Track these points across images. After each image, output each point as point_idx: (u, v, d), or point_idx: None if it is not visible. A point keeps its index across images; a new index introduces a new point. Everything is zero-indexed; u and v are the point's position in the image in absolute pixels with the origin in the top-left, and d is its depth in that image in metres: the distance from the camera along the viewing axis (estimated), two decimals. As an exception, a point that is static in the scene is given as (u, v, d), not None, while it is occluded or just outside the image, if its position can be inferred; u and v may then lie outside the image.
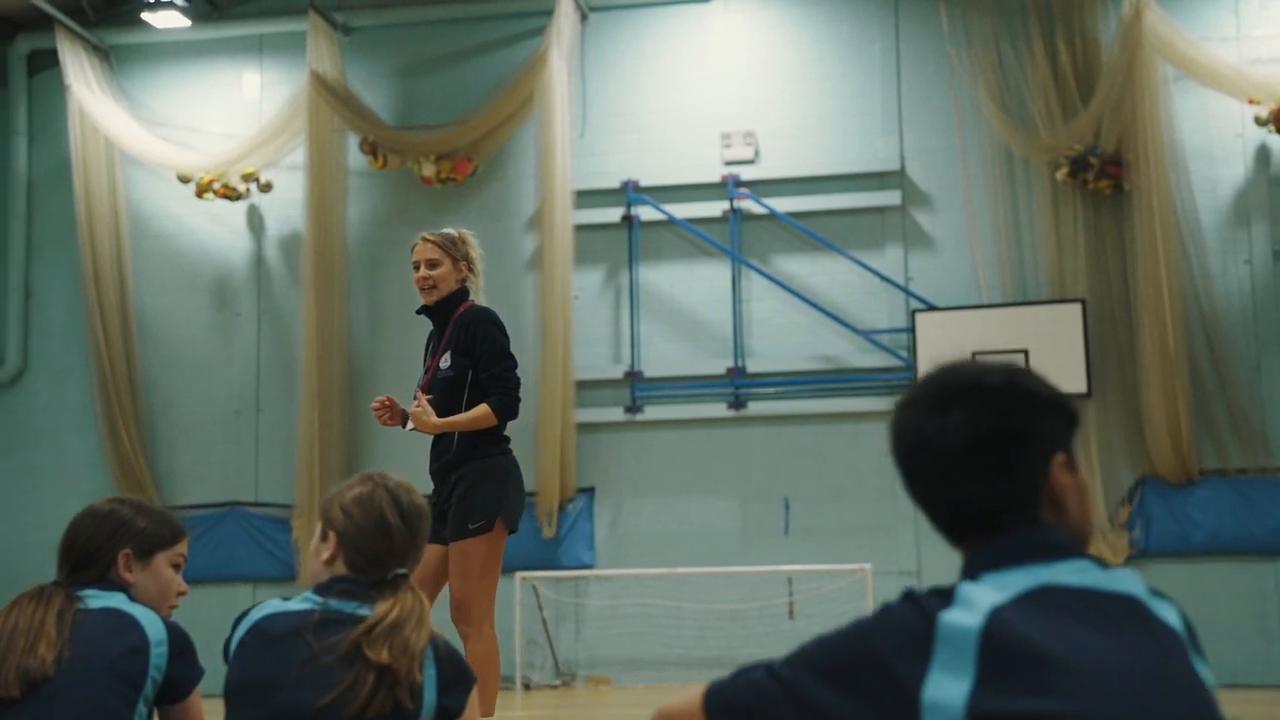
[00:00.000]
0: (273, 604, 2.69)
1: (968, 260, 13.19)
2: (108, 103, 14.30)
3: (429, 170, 13.55)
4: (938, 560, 12.79)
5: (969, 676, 1.51)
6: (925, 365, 12.72)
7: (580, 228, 13.55)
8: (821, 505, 13.12)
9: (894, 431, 1.77)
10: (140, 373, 14.27)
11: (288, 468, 13.87)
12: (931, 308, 12.97)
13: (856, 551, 12.82)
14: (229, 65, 14.61)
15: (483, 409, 5.39)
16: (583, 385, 13.50)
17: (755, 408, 13.39)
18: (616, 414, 13.53)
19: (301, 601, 2.66)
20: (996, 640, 1.53)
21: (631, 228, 13.70)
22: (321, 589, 2.68)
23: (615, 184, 13.75)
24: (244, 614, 2.71)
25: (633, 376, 13.51)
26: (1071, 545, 1.67)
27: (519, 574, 12.73)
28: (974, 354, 10.18)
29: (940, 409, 1.71)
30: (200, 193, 13.90)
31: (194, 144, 14.25)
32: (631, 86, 13.94)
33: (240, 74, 14.59)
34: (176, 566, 3.16)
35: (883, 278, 13.21)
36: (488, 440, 5.44)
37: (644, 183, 13.70)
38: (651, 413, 13.50)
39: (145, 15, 14.16)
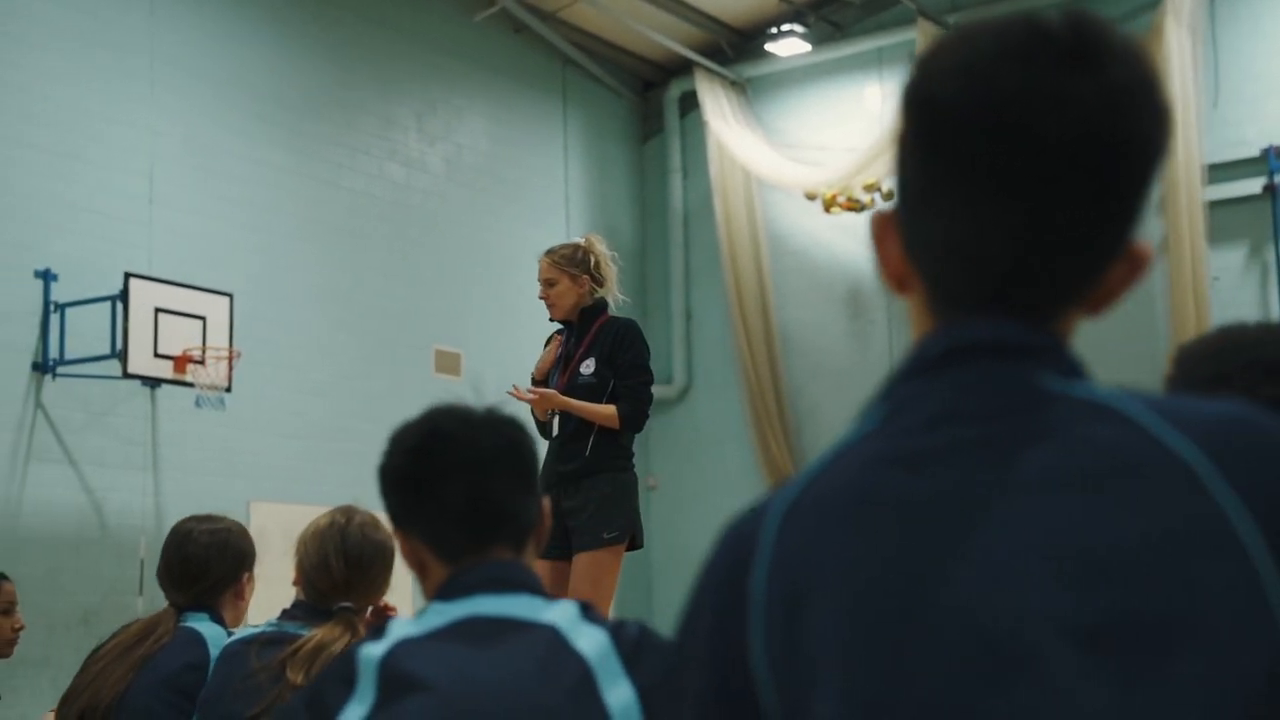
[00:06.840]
0: (242, 629, 2.99)
1: None
2: (743, 133, 15.25)
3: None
4: None
5: (369, 703, 1.67)
6: None
7: (1214, 204, 12.57)
8: None
9: None
10: (785, 384, 15.03)
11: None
12: None
13: None
14: (850, 81, 15.06)
15: (611, 409, 5.32)
16: (1228, 373, 12.49)
17: None
18: (1269, 403, 12.38)
19: (264, 625, 2.92)
20: (389, 669, 1.68)
21: (1275, 198, 12.50)
22: (283, 613, 2.93)
23: (1255, 152, 12.63)
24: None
25: (1287, 361, 12.30)
26: (532, 582, 1.79)
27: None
28: None
29: None
30: (827, 207, 14.44)
31: (821, 161, 14.83)
32: (1272, 46, 12.73)
33: (861, 88, 15.00)
34: None
35: None
36: (621, 453, 5.39)
37: (1288, 148, 12.48)
38: (1312, 400, 12.22)
39: (768, 46, 14.98)
